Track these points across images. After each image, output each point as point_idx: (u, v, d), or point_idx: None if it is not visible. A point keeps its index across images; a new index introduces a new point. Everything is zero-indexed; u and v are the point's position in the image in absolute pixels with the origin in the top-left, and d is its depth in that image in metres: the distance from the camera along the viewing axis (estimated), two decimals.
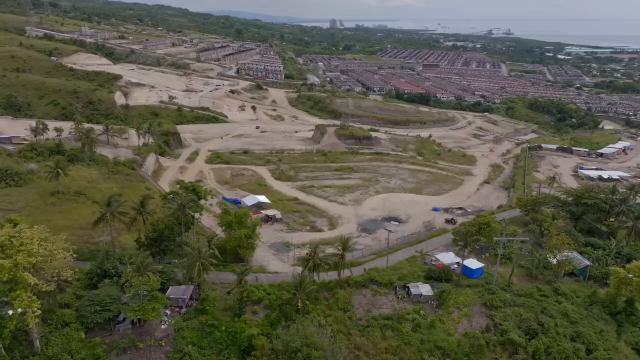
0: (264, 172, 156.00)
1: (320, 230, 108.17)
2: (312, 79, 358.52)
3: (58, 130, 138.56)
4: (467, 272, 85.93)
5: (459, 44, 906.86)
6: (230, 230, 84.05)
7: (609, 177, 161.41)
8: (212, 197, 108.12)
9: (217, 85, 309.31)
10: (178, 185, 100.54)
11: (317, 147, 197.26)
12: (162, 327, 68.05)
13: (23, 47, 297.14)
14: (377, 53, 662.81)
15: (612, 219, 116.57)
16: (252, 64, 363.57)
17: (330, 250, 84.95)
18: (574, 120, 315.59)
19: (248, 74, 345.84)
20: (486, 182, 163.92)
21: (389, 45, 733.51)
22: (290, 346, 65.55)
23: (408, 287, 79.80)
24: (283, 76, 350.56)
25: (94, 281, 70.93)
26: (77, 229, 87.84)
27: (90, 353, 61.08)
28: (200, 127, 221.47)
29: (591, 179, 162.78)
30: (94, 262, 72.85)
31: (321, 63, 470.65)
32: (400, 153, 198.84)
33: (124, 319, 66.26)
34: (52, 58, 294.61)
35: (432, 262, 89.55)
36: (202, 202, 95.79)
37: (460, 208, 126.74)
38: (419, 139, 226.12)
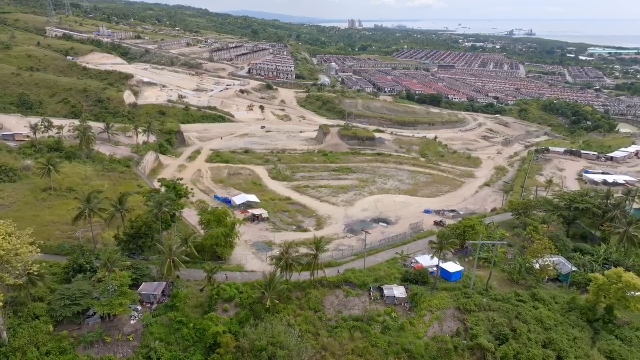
0: (261, 171, 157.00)
1: (305, 230, 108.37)
2: (323, 79, 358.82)
3: (58, 127, 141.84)
4: (445, 275, 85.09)
5: (478, 44, 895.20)
6: (209, 229, 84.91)
7: (613, 182, 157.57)
8: (192, 196, 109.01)
9: (227, 85, 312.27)
10: (159, 183, 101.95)
11: (319, 147, 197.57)
12: (132, 322, 69.28)
13: (40, 47, 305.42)
14: (393, 53, 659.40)
15: (608, 225, 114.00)
16: (264, 64, 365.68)
17: (303, 250, 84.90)
18: (588, 122, 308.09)
19: (259, 74, 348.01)
20: (486, 184, 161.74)
21: (406, 46, 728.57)
22: (255, 345, 66.02)
23: (382, 289, 79.42)
24: (294, 76, 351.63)
25: (69, 276, 72.56)
26: (62, 225, 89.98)
27: (56, 346, 62.57)
28: (206, 126, 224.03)
29: (595, 183, 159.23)
30: (70, 257, 74.47)
31: (334, 63, 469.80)
32: (402, 154, 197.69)
33: (94, 313, 67.65)
34: (68, 57, 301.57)
35: (411, 264, 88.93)
36: (184, 200, 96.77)
37: (452, 210, 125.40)
38: (424, 140, 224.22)
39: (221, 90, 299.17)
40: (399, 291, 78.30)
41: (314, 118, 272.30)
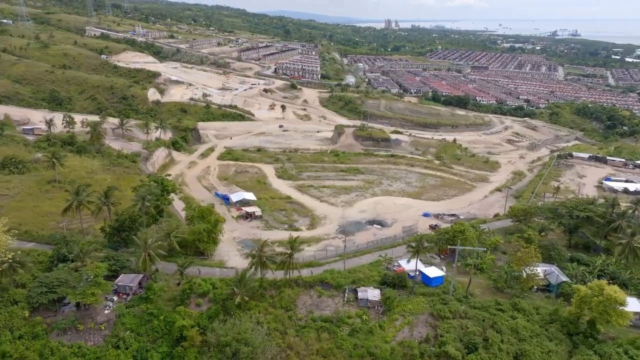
0: (269, 170, 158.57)
1: (297, 230, 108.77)
2: (348, 79, 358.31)
3: (70, 123, 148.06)
4: (425, 280, 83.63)
5: (517, 45, 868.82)
6: (193, 225, 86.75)
7: (635, 190, 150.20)
8: (180, 192, 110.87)
9: (252, 84, 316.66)
10: (148, 179, 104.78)
11: (332, 148, 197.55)
12: (105, 312, 71.79)
13: (76, 46, 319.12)
14: (426, 54, 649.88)
15: (612, 235, 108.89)
16: (290, 64, 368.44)
17: (279, 249, 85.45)
18: (625, 128, 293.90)
19: (285, 74, 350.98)
20: (498, 189, 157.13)
21: (440, 47, 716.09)
22: (221, 340, 67.16)
23: (357, 291, 78.90)
24: (319, 76, 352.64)
25: (52, 265, 75.88)
26: (59, 216, 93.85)
27: (30, 331, 65.69)
28: (225, 124, 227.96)
29: (615, 191, 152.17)
30: (55, 247, 77.83)
31: (361, 64, 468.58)
32: (417, 156, 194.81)
33: (70, 302, 70.45)
34: (102, 56, 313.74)
35: (394, 268, 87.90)
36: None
37: (452, 215, 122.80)
38: (442, 143, 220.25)
39: (245, 90, 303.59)
40: (373, 294, 77.59)
41: (335, 118, 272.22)
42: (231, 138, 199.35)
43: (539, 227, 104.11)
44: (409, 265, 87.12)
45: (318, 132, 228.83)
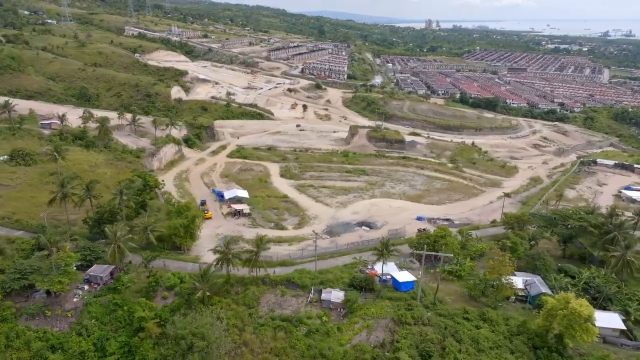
0: (274, 169, 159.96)
1: (283, 229, 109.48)
2: (375, 80, 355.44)
3: (87, 118, 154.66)
4: (396, 284, 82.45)
5: (562, 46, 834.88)
6: (170, 220, 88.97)
7: None
8: (162, 187, 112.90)
9: (277, 84, 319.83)
10: (132, 173, 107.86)
11: (345, 148, 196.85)
12: (74, 300, 74.97)
13: (112, 45, 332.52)
14: (463, 55, 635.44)
15: (608, 247, 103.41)
16: (317, 64, 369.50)
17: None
18: None
19: (312, 74, 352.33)
20: (507, 195, 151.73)
21: (478, 47, 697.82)
22: (178, 333, 68.76)
23: (322, 292, 78.72)
24: (345, 76, 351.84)
25: (32, 252, 79.87)
26: (51, 206, 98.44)
27: None
28: (243, 122, 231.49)
29: (633, 201, 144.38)
30: (36, 235, 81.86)
31: (391, 64, 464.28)
32: (430, 159, 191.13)
33: (41, 289, 73.99)
34: (136, 55, 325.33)
35: (367, 271, 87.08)
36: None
37: (447, 219, 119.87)
38: (460, 146, 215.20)
39: (270, 89, 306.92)
40: (336, 296, 77.21)
41: (356, 119, 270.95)
42: (238, 138, 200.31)
43: (529, 236, 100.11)
44: (386, 268, 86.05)
45: (334, 132, 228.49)
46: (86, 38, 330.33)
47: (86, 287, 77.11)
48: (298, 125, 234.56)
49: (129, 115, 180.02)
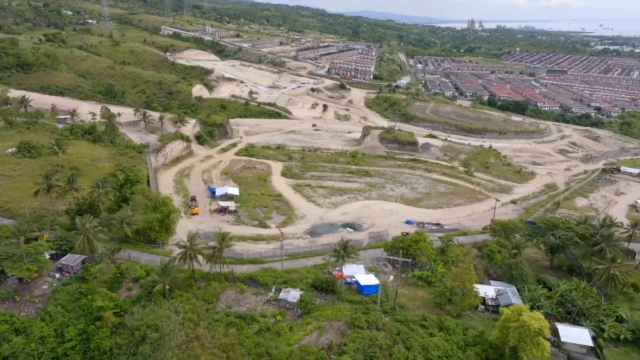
0: (277, 167, 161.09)
1: (266, 227, 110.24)
2: (401, 81, 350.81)
3: (93, 114, 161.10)
4: (359, 287, 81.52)
5: (612, 48, 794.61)
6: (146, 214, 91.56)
7: None
8: (141, 183, 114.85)
9: (301, 83, 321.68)
10: (115, 167, 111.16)
11: (356, 149, 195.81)
12: (44, 287, 78.53)
13: (145, 44, 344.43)
14: (502, 56, 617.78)
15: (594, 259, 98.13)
16: (344, 64, 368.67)
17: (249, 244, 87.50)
18: None
19: (337, 74, 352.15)
20: (513, 202, 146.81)
21: (518, 49, 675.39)
22: (133, 324, 70.99)
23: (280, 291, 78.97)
24: (371, 77, 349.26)
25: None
26: (43, 196, 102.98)
27: None
28: (259, 121, 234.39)
29: None
30: (17, 224, 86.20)
31: (423, 65, 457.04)
32: (441, 162, 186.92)
33: (13, 275, 77.96)
34: (167, 53, 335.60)
35: (333, 272, 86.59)
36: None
37: (437, 224, 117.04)
38: (476, 149, 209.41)
39: (293, 88, 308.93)
40: (293, 296, 77.20)
41: (376, 120, 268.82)
42: (241, 137, 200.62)
43: (513, 244, 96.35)
44: (351, 270, 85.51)
45: (349, 132, 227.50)
46: (120, 37, 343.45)
47: (57, 275, 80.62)
48: (314, 125, 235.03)
49: (155, 113, 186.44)
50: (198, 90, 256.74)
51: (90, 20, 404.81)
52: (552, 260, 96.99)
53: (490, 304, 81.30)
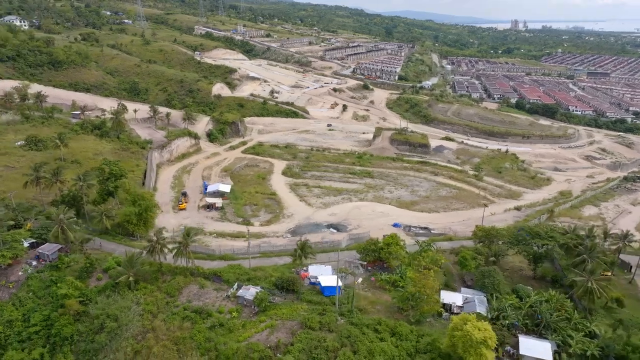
0: (280, 166, 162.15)
1: (249, 224, 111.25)
2: (426, 82, 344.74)
3: (103, 110, 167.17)
4: (321, 288, 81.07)
5: None
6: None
7: None
8: (126, 177, 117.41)
9: (325, 83, 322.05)
10: (101, 161, 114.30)
11: (365, 149, 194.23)
12: (19, 273, 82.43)
13: (174, 43, 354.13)
14: (541, 58, 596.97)
15: (606, 273, 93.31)
16: (369, 64, 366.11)
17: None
18: None
19: (362, 74, 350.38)
20: (517, 208, 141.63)
21: (560, 50, 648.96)
22: (94, 313, 73.77)
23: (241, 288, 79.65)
24: (396, 77, 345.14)
25: None
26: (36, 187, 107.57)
27: None
28: (275, 120, 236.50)
29: None
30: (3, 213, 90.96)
31: (455, 66, 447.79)
32: (452, 165, 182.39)
33: None
34: (196, 52, 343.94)
35: (300, 272, 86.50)
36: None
37: (424, 228, 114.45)
38: (492, 153, 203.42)
39: (315, 88, 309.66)
40: (250, 293, 77.66)
41: (395, 121, 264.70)
42: (252, 136, 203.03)
43: (492, 252, 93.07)
44: (317, 271, 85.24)
45: (363, 133, 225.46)
46: (151, 36, 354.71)
47: (34, 262, 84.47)
48: (329, 125, 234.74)
49: (163, 109, 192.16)
50: (218, 88, 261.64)
51: (126, 20, 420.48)
52: (535, 270, 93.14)
53: (456, 311, 78.97)
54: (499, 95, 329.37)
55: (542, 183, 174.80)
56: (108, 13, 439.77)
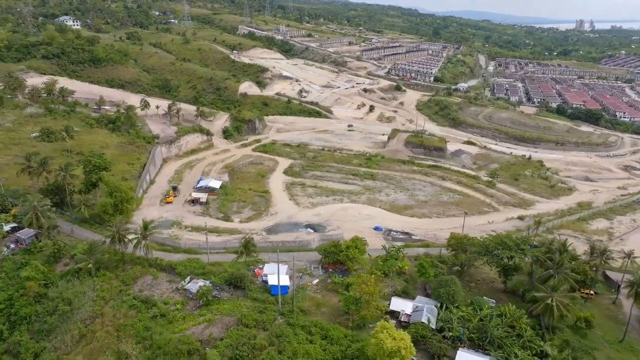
0: (284, 165, 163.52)
1: (228, 220, 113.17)
2: (463, 84, 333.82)
3: (117, 105, 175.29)
4: (270, 287, 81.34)
5: None
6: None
7: None
8: (109, 170, 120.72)
9: (356, 83, 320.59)
10: (88, 155, 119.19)
11: (378, 151, 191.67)
12: None
13: (214, 42, 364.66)
14: (601, 60, 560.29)
15: (587, 291, 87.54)
16: (405, 65, 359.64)
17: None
18: None
19: (397, 74, 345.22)
20: (520, 218, 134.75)
21: (624, 52, 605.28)
22: (52, 296, 78.53)
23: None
24: (432, 79, 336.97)
25: None
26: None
27: None
28: (295, 119, 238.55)
29: None
30: None
31: (491, 67, 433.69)
32: (466, 171, 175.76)
33: None
34: (234, 52, 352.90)
35: (255, 269, 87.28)
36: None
37: (406, 233, 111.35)
38: (514, 159, 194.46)
39: (346, 88, 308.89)
40: (195, 287, 79.23)
41: (422, 123, 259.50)
42: (260, 135, 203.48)
43: (459, 261, 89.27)
44: (267, 269, 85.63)
45: (382, 134, 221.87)
46: (192, 36, 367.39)
47: (12, 245, 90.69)
48: (350, 126, 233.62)
49: (181, 105, 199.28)
50: (246, 87, 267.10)
51: (172, 20, 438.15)
52: (505, 282, 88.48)
53: (403, 319, 76.70)
54: (539, 99, 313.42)
55: (561, 193, 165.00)
56: (157, 13, 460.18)
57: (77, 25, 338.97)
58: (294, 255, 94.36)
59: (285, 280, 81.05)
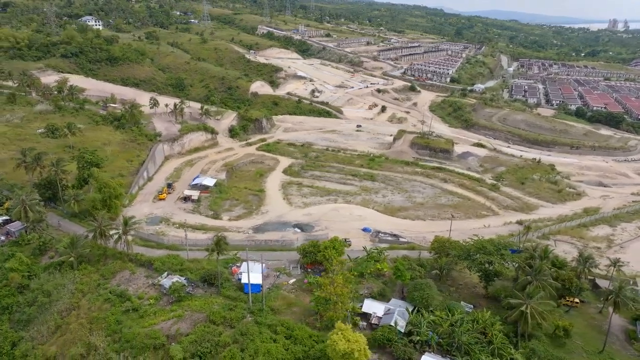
0: (285, 164, 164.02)
1: (217, 218, 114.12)
2: (480, 85, 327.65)
3: (125, 103, 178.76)
4: (244, 285, 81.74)
5: None
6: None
7: None
8: (100, 166, 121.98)
9: (370, 83, 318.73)
10: (80, 151, 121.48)
11: (383, 152, 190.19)
12: None
13: (231, 42, 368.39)
14: (632, 61, 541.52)
15: (571, 299, 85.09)
16: (422, 65, 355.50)
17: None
18: None
19: (412, 75, 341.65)
20: (519, 222, 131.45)
21: None
22: (33, 287, 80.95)
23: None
24: (448, 79, 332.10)
25: None
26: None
27: None
28: (304, 119, 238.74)
29: None
30: None
31: (511, 69, 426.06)
32: (470, 173, 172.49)
33: None
34: (251, 51, 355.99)
35: (232, 268, 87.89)
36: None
37: (394, 235, 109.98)
38: (523, 163, 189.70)
39: (360, 88, 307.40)
40: (168, 283, 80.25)
41: (434, 124, 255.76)
42: (266, 134, 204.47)
43: (439, 265, 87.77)
44: (244, 268, 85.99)
45: (390, 135, 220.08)
46: (209, 35, 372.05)
47: (2, 237, 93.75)
48: (358, 126, 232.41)
49: (191, 103, 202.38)
50: (258, 86, 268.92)
51: (192, 20, 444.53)
52: (486, 287, 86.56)
53: (374, 322, 75.95)
54: (558, 101, 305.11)
55: (568, 198, 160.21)
56: (178, 13, 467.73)
57: (99, 25, 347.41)
58: (276, 255, 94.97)
59: (257, 279, 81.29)
